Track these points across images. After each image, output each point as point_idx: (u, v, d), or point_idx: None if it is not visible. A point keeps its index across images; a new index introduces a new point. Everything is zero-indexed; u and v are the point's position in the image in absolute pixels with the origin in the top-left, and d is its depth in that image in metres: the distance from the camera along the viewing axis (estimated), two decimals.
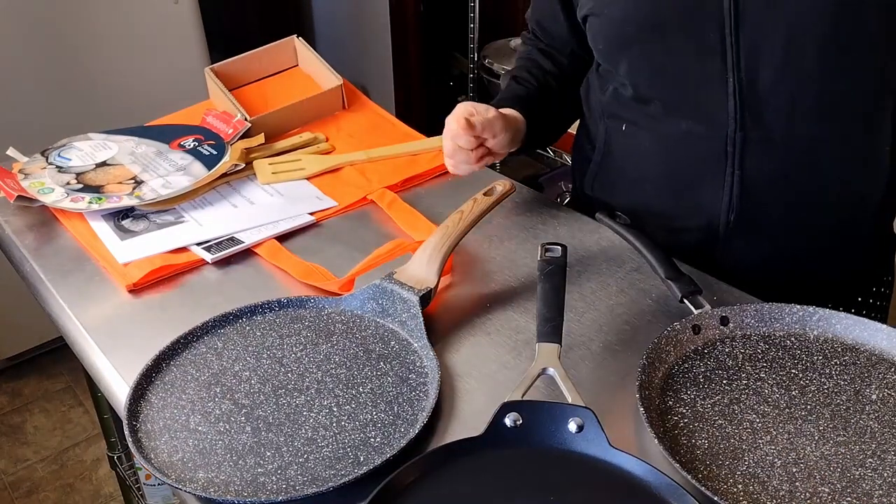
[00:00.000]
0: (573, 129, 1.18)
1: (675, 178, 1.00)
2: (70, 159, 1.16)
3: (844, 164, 0.94)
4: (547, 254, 0.87)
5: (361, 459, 0.70)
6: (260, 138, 1.23)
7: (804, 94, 0.88)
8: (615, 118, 1.04)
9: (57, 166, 1.15)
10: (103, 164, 1.16)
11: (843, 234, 1.00)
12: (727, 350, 0.82)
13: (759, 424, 0.73)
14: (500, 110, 1.01)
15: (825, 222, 0.98)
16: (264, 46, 1.39)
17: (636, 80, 0.97)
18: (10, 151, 1.18)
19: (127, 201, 1.07)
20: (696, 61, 0.91)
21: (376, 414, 0.75)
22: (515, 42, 2.23)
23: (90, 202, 1.07)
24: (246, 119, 1.24)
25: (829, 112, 0.90)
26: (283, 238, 1.04)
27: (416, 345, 0.83)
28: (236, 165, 1.16)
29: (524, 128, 1.05)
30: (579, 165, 1.14)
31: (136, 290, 0.95)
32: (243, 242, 1.02)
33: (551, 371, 0.75)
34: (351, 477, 0.67)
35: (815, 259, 1.01)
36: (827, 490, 0.67)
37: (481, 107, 0.98)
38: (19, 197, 1.07)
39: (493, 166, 2.64)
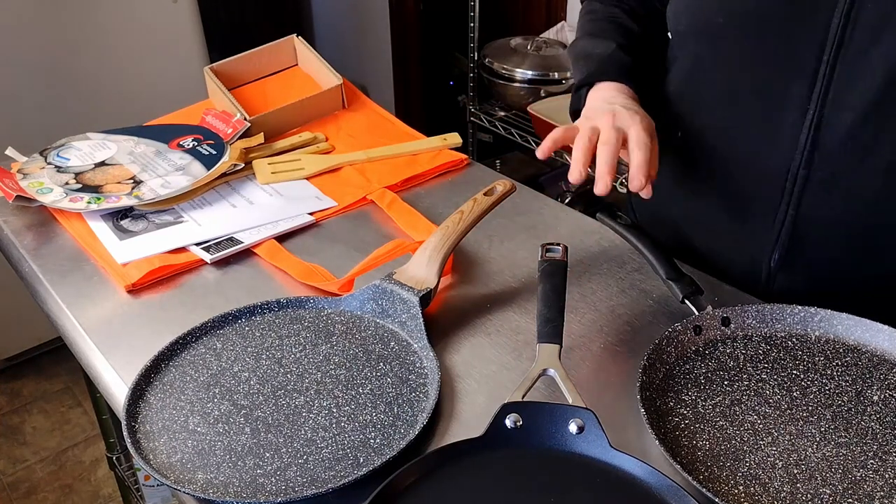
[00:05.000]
0: None
1: (724, 204, 0.93)
2: (69, 159, 1.16)
3: None
4: (547, 254, 0.87)
5: (361, 461, 0.70)
6: (259, 138, 1.23)
7: (882, 150, 0.81)
8: (672, 118, 0.95)
9: (56, 166, 1.14)
10: (102, 163, 1.15)
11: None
12: (728, 351, 0.82)
13: (761, 425, 0.73)
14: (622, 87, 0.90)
15: (877, 271, 0.90)
16: (264, 46, 1.38)
17: (707, 78, 0.90)
18: (9, 151, 1.18)
19: (126, 201, 1.07)
20: (780, 80, 0.83)
21: (376, 415, 0.75)
22: (516, 41, 2.22)
23: (89, 202, 1.07)
24: (245, 119, 1.24)
25: None
26: (282, 238, 1.04)
27: (415, 345, 0.83)
28: (235, 165, 1.16)
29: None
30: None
31: (135, 290, 0.95)
32: (242, 243, 1.02)
33: (552, 372, 0.75)
34: (350, 478, 0.67)
35: (858, 305, 0.86)
36: (828, 491, 0.67)
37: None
38: (18, 197, 1.07)
39: (492, 166, 2.63)
